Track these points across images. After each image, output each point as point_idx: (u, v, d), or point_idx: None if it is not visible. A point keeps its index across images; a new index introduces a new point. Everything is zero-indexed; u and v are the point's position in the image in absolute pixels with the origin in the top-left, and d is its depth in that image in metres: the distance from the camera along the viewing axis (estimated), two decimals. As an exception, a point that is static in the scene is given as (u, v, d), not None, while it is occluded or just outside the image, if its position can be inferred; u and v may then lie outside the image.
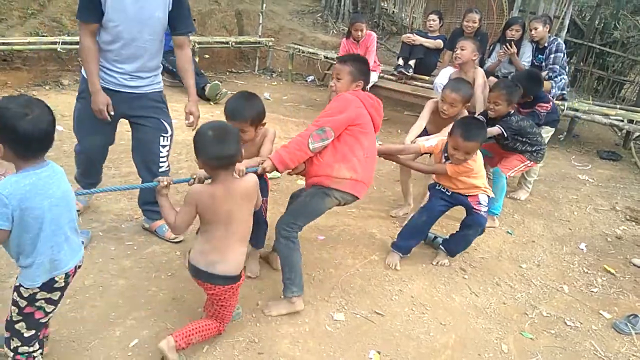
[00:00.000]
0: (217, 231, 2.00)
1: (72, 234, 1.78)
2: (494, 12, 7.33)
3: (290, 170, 2.48)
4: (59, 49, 5.64)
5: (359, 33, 5.73)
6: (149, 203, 2.90)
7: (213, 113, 5.67)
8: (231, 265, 2.03)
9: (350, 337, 2.35)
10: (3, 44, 5.28)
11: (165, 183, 2.03)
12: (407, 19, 9.56)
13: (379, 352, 2.27)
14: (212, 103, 6.05)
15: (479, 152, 2.96)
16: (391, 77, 6.32)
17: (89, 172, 3.05)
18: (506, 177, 3.68)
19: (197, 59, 6.68)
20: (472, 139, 2.78)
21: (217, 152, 1.91)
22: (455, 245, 3.09)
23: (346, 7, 9.39)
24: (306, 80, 7.96)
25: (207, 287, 2.05)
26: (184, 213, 1.99)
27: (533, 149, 3.72)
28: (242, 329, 2.30)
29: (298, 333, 2.33)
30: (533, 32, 5.60)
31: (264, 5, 8.02)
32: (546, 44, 5.66)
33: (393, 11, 9.97)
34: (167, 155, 2.93)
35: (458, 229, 3.10)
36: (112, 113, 2.66)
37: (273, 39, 8.15)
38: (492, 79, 5.87)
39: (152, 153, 2.84)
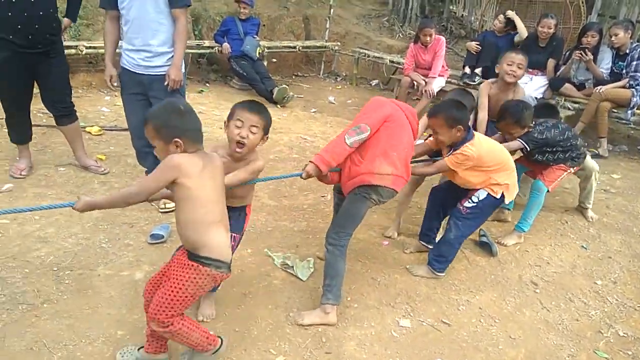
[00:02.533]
0: (219, 207, 1.87)
1: None
2: (571, 16, 7.02)
3: (323, 177, 2.46)
4: (140, 53, 5.99)
5: (428, 38, 5.69)
6: None
7: (280, 116, 5.82)
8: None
9: (416, 344, 2.36)
10: (89, 47, 5.68)
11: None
12: (477, 23, 9.34)
13: (445, 361, 2.27)
14: (279, 106, 6.21)
15: (482, 139, 2.75)
16: (458, 84, 6.21)
17: (140, 157, 3.34)
18: (548, 190, 3.33)
19: (265, 63, 6.88)
20: (434, 114, 2.70)
21: (195, 124, 1.82)
22: (434, 252, 2.90)
23: (413, 11, 9.31)
24: (370, 84, 7.97)
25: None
26: (156, 174, 1.77)
27: (567, 156, 3.33)
28: (310, 328, 2.36)
29: (364, 336, 2.37)
30: (613, 38, 5.33)
31: (332, 10, 8.13)
32: (627, 51, 5.37)
33: (462, 14, 9.77)
34: None
35: None
36: (115, 84, 3.18)
37: (339, 43, 8.23)
38: (568, 86, 5.67)
39: None
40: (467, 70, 6.18)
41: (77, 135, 3.65)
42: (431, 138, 2.90)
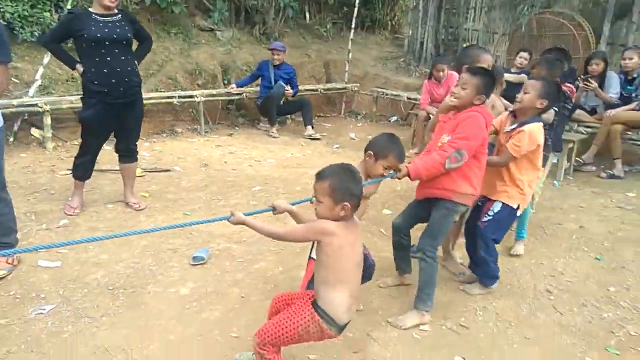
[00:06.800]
0: (355, 277, 2.00)
1: None
2: (580, 46, 7.33)
3: None
4: (175, 102, 6.56)
5: (441, 74, 6.06)
6: None
7: (305, 152, 6.22)
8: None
9: (437, 344, 2.57)
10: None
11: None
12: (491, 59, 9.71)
13: (464, 358, 2.46)
14: (303, 144, 6.63)
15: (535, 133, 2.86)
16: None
17: None
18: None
19: (289, 106, 7.35)
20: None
21: (359, 191, 1.94)
22: (480, 273, 3.10)
23: (428, 51, 9.75)
24: (389, 120, 8.35)
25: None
26: (306, 233, 1.96)
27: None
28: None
29: (388, 338, 2.60)
30: (628, 62, 5.59)
31: (350, 54, 8.66)
32: (635, 75, 5.61)
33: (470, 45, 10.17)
34: None
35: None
36: None
37: (358, 84, 8.70)
38: (580, 112, 5.90)
39: None
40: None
41: (133, 175, 4.13)
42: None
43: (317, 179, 1.95)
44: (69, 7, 6.06)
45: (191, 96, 6.72)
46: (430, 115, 6.22)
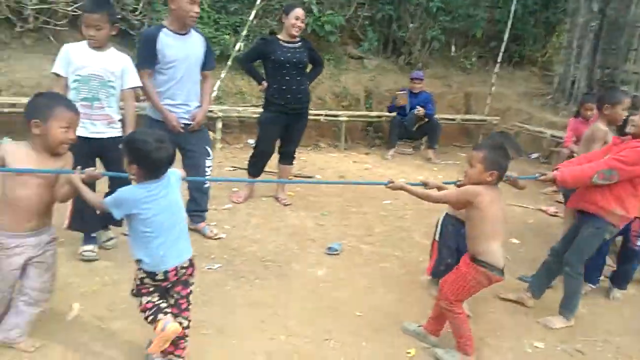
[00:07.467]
0: (502, 228, 2.42)
1: (180, 236, 2.18)
2: None
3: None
4: (321, 120, 7.28)
5: (589, 112, 5.89)
6: (193, 210, 3.72)
7: (436, 177, 6.46)
8: None
9: (548, 361, 2.68)
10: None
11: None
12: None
13: (573, 378, 2.55)
14: (435, 169, 6.89)
15: None
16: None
17: None
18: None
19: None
20: None
21: (507, 165, 2.38)
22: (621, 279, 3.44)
23: (580, 90, 9.36)
24: (529, 157, 8.18)
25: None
26: (459, 195, 2.42)
27: None
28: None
29: (500, 346, 2.77)
30: None
31: (493, 87, 8.70)
32: None
33: (635, 95, 9.49)
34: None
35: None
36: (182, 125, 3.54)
37: (499, 118, 8.68)
38: None
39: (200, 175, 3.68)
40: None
41: (286, 175, 4.85)
42: None
43: (475, 148, 2.43)
44: (245, 32, 7.18)
45: (336, 115, 7.40)
46: (574, 154, 6.07)
